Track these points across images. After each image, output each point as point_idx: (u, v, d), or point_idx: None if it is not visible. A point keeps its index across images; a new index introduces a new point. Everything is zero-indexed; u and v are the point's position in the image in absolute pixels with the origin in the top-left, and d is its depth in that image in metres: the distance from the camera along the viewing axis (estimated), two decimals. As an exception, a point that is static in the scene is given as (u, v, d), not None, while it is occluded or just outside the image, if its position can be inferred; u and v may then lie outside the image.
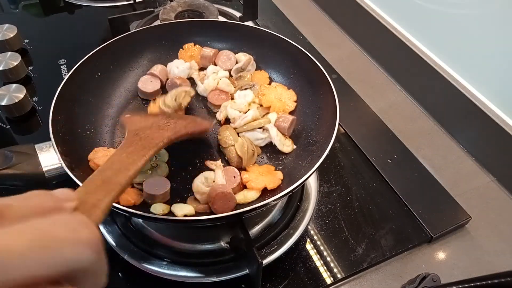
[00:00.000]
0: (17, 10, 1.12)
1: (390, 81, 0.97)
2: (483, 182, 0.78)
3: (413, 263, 0.66)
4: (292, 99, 0.70)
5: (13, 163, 0.54)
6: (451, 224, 0.69)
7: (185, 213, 0.54)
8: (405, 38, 0.91)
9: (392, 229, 0.69)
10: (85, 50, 0.68)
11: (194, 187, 0.58)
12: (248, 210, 0.51)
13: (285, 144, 0.63)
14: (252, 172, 0.59)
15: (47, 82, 0.90)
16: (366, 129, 0.85)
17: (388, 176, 0.76)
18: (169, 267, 0.61)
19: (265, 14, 1.10)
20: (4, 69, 0.85)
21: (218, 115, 0.68)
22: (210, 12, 0.94)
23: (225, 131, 0.64)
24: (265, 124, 0.64)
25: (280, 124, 0.64)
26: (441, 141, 0.85)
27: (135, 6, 1.10)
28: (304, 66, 0.70)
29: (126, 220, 0.66)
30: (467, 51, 0.80)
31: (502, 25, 0.72)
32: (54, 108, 0.59)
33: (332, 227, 0.69)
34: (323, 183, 0.75)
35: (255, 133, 0.64)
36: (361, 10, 1.00)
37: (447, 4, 0.82)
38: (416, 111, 0.90)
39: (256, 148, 0.63)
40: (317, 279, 0.62)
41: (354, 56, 1.03)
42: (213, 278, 0.60)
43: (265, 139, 0.64)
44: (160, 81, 0.72)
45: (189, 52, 0.76)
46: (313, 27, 1.10)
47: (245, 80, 0.73)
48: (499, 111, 0.76)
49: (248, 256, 0.59)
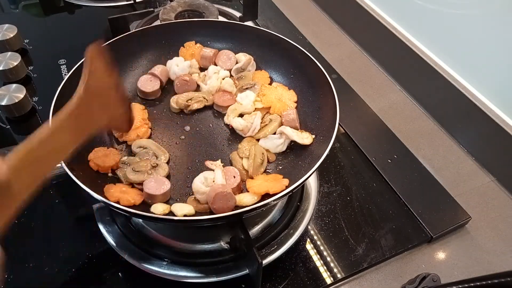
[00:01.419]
0: (17, 10, 1.12)
1: (390, 81, 0.97)
2: (483, 182, 0.78)
3: (413, 263, 0.66)
4: (293, 100, 0.70)
5: (13, 163, 0.54)
6: (451, 224, 0.69)
7: (185, 213, 0.54)
8: (405, 38, 0.91)
9: (392, 229, 0.69)
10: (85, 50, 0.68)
11: (194, 187, 0.58)
12: (248, 210, 0.51)
13: (304, 137, 0.63)
14: (257, 179, 0.59)
15: (47, 82, 0.90)
16: (366, 129, 0.85)
17: (388, 176, 0.76)
18: (169, 267, 0.61)
19: (265, 14, 1.10)
20: (4, 69, 0.85)
21: (226, 118, 0.68)
22: (210, 12, 0.94)
23: (246, 143, 0.65)
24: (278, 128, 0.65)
25: (288, 119, 0.65)
26: (441, 141, 0.85)
27: (135, 6, 1.10)
28: (304, 66, 0.70)
29: (126, 220, 0.66)
30: (467, 51, 0.80)
31: (502, 25, 0.72)
32: (54, 108, 0.59)
33: (332, 227, 0.69)
34: (323, 183, 0.75)
35: (274, 141, 0.64)
36: (361, 10, 1.00)
37: (447, 4, 0.82)
38: (416, 111, 0.90)
39: (270, 155, 0.63)
40: (317, 279, 0.62)
41: (354, 56, 1.03)
42: (213, 278, 0.60)
43: (285, 143, 0.64)
44: (160, 81, 0.72)
45: (190, 51, 0.76)
46: (313, 27, 1.10)
47: (246, 80, 0.73)
48: (499, 111, 0.76)
49: (248, 256, 0.59)
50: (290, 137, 0.63)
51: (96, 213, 0.66)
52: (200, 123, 0.69)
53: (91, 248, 0.64)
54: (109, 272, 0.62)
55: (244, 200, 0.55)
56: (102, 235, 0.64)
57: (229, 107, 0.69)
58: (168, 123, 0.68)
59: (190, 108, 0.69)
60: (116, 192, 0.54)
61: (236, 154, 0.63)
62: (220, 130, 0.68)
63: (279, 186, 0.56)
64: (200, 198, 0.57)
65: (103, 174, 0.59)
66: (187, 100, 0.69)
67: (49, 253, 0.63)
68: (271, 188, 0.55)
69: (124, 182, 0.58)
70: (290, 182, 0.56)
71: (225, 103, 0.69)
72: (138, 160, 0.61)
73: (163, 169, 0.60)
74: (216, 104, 0.70)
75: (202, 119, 0.69)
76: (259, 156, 0.61)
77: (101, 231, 0.64)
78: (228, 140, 0.67)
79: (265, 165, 0.62)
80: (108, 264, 0.63)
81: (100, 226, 0.65)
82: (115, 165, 0.60)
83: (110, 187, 0.55)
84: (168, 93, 0.73)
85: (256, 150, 0.62)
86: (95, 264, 0.62)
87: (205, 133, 0.67)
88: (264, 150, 0.63)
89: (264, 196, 0.56)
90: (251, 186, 0.57)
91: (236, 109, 0.68)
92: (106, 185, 0.55)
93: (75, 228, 0.67)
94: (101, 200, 0.51)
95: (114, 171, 0.60)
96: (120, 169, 0.60)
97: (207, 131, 0.68)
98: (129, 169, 0.58)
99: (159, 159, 0.61)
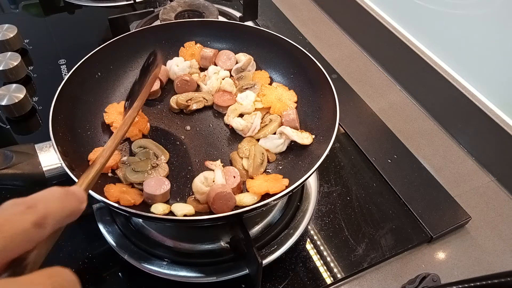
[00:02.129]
0: (17, 10, 1.12)
1: (390, 81, 0.97)
2: (483, 182, 0.78)
3: (413, 263, 0.66)
4: (293, 100, 0.70)
5: (13, 163, 0.54)
6: (451, 224, 0.69)
7: (185, 213, 0.54)
8: (405, 38, 0.91)
9: (392, 229, 0.69)
10: (85, 50, 0.68)
11: (194, 187, 0.58)
12: (248, 210, 0.51)
13: (304, 137, 0.63)
14: (257, 179, 0.59)
15: (47, 82, 0.90)
16: (366, 129, 0.85)
17: (388, 176, 0.76)
18: (169, 267, 0.61)
19: (265, 14, 1.10)
20: (4, 69, 0.85)
21: (226, 118, 0.68)
22: (210, 12, 0.94)
23: (246, 143, 0.64)
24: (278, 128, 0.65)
25: (288, 119, 0.65)
26: (441, 141, 0.85)
27: (135, 6, 1.10)
28: (304, 66, 0.70)
29: (126, 220, 0.66)
30: (467, 51, 0.80)
31: (502, 25, 0.72)
32: (54, 108, 0.59)
33: (332, 227, 0.69)
34: (323, 183, 0.75)
35: (274, 141, 0.64)
36: (361, 10, 1.00)
37: (447, 4, 0.82)
38: (416, 111, 0.90)
39: (270, 155, 0.63)
40: (317, 279, 0.62)
41: (354, 56, 1.03)
42: (213, 278, 0.60)
43: (285, 143, 0.64)
44: (160, 82, 0.72)
45: (190, 51, 0.76)
46: (313, 27, 1.10)
47: (246, 80, 0.73)
48: (499, 111, 0.76)
49: (248, 256, 0.59)
50: (290, 137, 0.63)
51: (96, 213, 0.66)
52: (200, 123, 0.69)
53: (91, 248, 0.64)
54: (109, 272, 0.62)
55: (244, 200, 0.55)
56: (102, 235, 0.64)
57: (229, 107, 0.69)
58: (168, 123, 0.68)
59: (190, 109, 0.69)
60: (116, 192, 0.54)
61: (236, 154, 0.63)
62: (220, 130, 0.68)
63: (279, 186, 0.55)
64: (200, 198, 0.56)
65: (103, 174, 0.59)
66: (186, 100, 0.69)
67: (49, 253, 0.63)
68: (271, 188, 0.55)
69: (124, 182, 0.58)
70: (290, 182, 0.56)
71: (225, 103, 0.69)
72: (138, 160, 0.61)
73: (163, 169, 0.60)
74: (216, 104, 0.70)
75: (202, 119, 0.69)
76: (259, 156, 0.61)
77: (101, 231, 0.64)
78: (228, 140, 0.67)
79: (265, 165, 0.62)
80: (108, 264, 0.63)
81: (100, 226, 0.65)
82: (115, 165, 0.60)
83: (110, 187, 0.55)
84: (168, 93, 0.73)
85: (256, 150, 0.62)
86: (95, 264, 0.62)
87: (205, 133, 0.67)
88: (264, 150, 0.63)
89: (264, 196, 0.56)
90: (251, 186, 0.57)
91: (236, 109, 0.68)
92: (106, 185, 0.55)
93: (75, 228, 0.67)
94: (101, 200, 0.50)
95: (114, 171, 0.60)
96: (120, 169, 0.60)
97: (207, 131, 0.68)
98: (129, 169, 0.58)
99: (159, 159, 0.61)
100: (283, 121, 0.66)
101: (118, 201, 0.52)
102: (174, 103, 0.69)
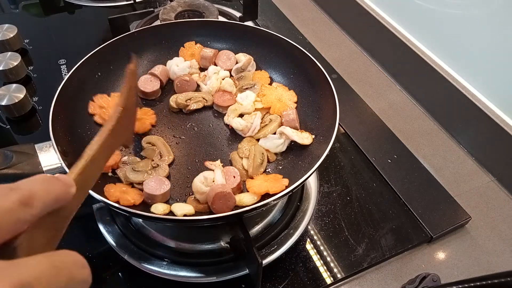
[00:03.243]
0: (17, 10, 1.12)
1: (390, 81, 0.97)
2: (483, 182, 0.78)
3: (413, 263, 0.66)
4: (293, 100, 0.70)
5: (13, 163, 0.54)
6: (451, 224, 0.69)
7: (185, 213, 0.54)
8: (405, 38, 0.91)
9: (392, 229, 0.69)
10: (85, 50, 0.68)
11: (194, 187, 0.58)
12: (248, 210, 0.51)
13: (304, 137, 0.63)
14: (257, 179, 0.59)
15: (47, 82, 0.90)
16: (366, 129, 0.85)
17: (388, 176, 0.76)
18: (169, 267, 0.61)
19: (265, 14, 1.10)
20: (4, 69, 0.85)
21: (226, 118, 0.68)
22: (210, 12, 0.94)
23: (246, 143, 0.64)
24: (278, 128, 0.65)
25: (288, 119, 0.65)
26: (441, 141, 0.85)
27: (135, 6, 1.10)
28: (304, 66, 0.70)
29: (126, 220, 0.66)
30: (467, 51, 0.80)
31: (502, 25, 0.72)
32: (54, 108, 0.59)
33: (332, 227, 0.69)
34: (323, 183, 0.75)
35: (274, 141, 0.64)
36: (361, 10, 1.00)
37: (447, 4, 0.82)
38: (416, 111, 0.90)
39: (270, 155, 0.63)
40: (317, 279, 0.62)
41: (354, 56, 1.03)
42: (213, 278, 0.60)
43: (284, 143, 0.64)
44: (160, 82, 0.72)
45: (190, 51, 0.76)
46: (313, 27, 1.10)
47: (246, 80, 0.73)
48: (499, 111, 0.76)
49: (248, 256, 0.59)
50: (290, 137, 0.63)
51: (96, 213, 0.66)
52: (200, 123, 0.69)
53: (91, 248, 0.64)
54: (109, 272, 0.62)
55: (244, 200, 0.55)
56: (102, 235, 0.64)
57: (229, 107, 0.69)
58: (168, 123, 0.68)
59: (189, 108, 0.69)
60: (116, 192, 0.54)
61: (236, 154, 0.63)
62: (220, 130, 0.68)
63: (279, 186, 0.55)
64: (200, 198, 0.56)
65: (103, 174, 0.59)
66: (186, 100, 0.69)
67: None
68: (271, 188, 0.55)
69: (124, 182, 0.58)
70: (290, 182, 0.56)
71: (225, 103, 0.69)
72: (138, 160, 0.61)
73: (163, 170, 0.60)
74: (216, 104, 0.70)
75: (202, 119, 0.69)
76: (259, 156, 0.61)
77: (101, 231, 0.64)
78: (228, 140, 0.67)
79: (265, 165, 0.62)
80: (108, 264, 0.63)
81: (100, 226, 0.65)
82: (115, 164, 0.60)
83: (110, 187, 0.55)
84: (168, 93, 0.73)
85: (256, 150, 0.62)
86: (95, 264, 0.62)
87: (205, 133, 0.67)
88: (264, 150, 0.63)
89: (264, 196, 0.56)
90: (251, 186, 0.57)
91: (236, 109, 0.68)
92: (106, 185, 0.55)
93: (75, 228, 0.67)
94: (101, 200, 0.50)
95: (114, 171, 0.60)
96: (120, 168, 0.60)
97: (207, 131, 0.68)
98: (129, 169, 0.58)
99: (162, 159, 0.61)
100: (283, 121, 0.66)
101: (118, 201, 0.52)
102: (173, 103, 0.69)
